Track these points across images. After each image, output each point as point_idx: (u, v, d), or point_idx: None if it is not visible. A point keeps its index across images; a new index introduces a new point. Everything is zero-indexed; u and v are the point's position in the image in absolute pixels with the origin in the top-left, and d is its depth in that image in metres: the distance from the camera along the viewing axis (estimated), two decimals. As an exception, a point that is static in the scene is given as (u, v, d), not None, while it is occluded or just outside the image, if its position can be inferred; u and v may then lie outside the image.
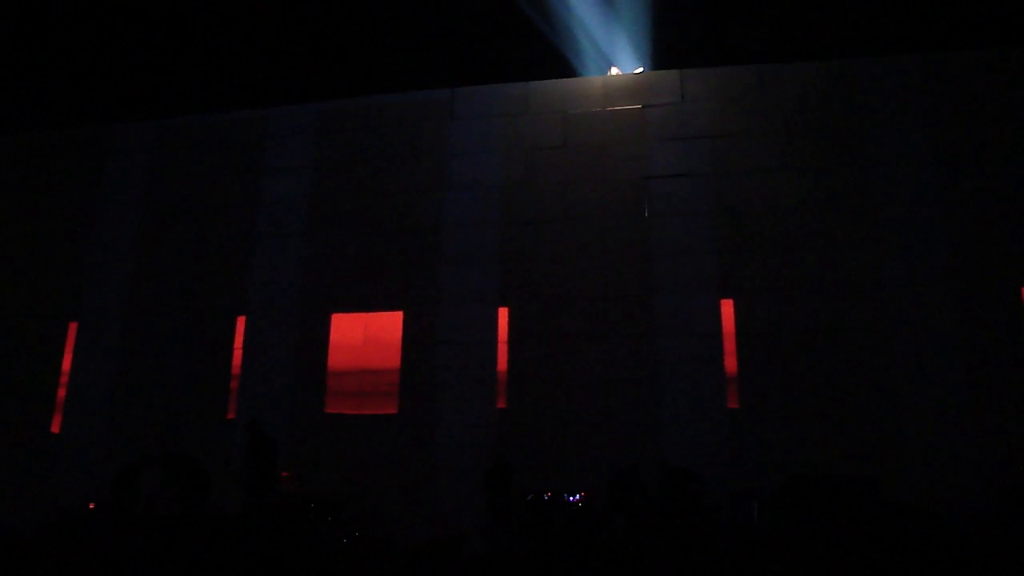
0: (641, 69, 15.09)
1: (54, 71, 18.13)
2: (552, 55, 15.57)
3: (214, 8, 17.33)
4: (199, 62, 17.59)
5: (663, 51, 15.28)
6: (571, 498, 11.86)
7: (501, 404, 13.55)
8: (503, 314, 13.98)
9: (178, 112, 16.85)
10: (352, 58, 16.97)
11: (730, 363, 13.07)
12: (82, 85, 18.20)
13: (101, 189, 16.40)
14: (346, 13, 16.94)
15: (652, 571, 7.73)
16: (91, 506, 13.01)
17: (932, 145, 13.24)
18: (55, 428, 15.29)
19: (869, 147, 13.43)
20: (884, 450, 12.08)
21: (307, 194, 15.32)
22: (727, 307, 13.31)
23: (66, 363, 15.56)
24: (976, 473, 11.72)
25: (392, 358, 14.17)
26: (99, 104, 17.87)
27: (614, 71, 15.49)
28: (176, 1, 17.18)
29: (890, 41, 14.70)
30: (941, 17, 14.94)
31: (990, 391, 12.04)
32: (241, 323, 14.95)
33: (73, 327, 15.74)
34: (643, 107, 14.38)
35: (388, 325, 14.35)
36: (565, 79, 15.09)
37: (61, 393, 15.43)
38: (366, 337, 14.47)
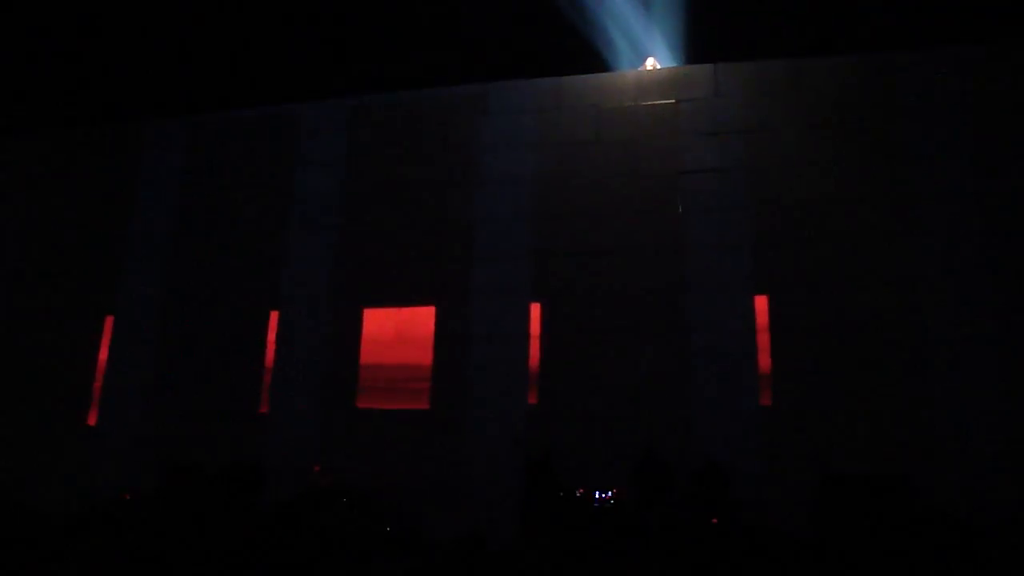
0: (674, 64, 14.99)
1: (91, 68, 18.34)
2: (585, 50, 15.49)
3: (248, 4, 17.42)
4: (233, 58, 17.70)
5: (697, 45, 15.14)
6: (603, 495, 11.81)
7: (532, 399, 13.52)
8: (535, 309, 13.94)
9: (212, 107, 16.99)
10: (385, 52, 17.00)
11: (763, 359, 12.94)
12: (117, 81, 18.39)
13: (137, 184, 16.57)
14: (380, 7, 16.97)
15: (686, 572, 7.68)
16: (126, 496, 13.16)
17: (968, 139, 12.99)
18: (91, 420, 15.49)
19: (903, 141, 13.21)
20: (919, 449, 11.89)
21: (340, 189, 15.36)
22: (761, 303, 13.17)
23: (102, 356, 15.77)
24: (1014, 474, 11.51)
25: (424, 353, 14.18)
26: (134, 100, 18.05)
27: (650, 61, 15.40)
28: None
29: (926, 34, 14.48)
30: (977, 10, 14.69)
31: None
32: (274, 317, 15.04)
33: (109, 320, 15.94)
34: (676, 102, 14.25)
35: (420, 320, 14.37)
36: (598, 74, 15.00)
37: (97, 386, 15.64)
38: (398, 332, 14.50)
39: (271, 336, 14.98)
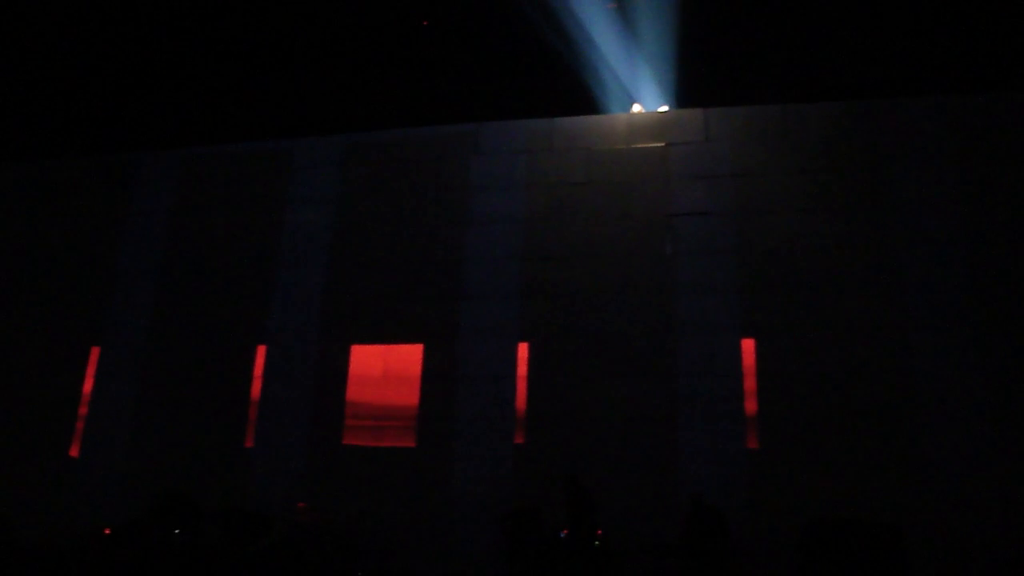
0: (665, 107, 15.15)
1: (83, 100, 18.39)
2: (577, 92, 15.61)
3: (241, 39, 17.55)
4: (226, 92, 17.80)
5: (687, 89, 15.28)
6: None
7: (519, 440, 13.48)
8: (523, 349, 13.95)
9: (204, 141, 17.01)
10: (378, 91, 17.12)
11: (750, 403, 12.96)
12: (109, 113, 18.43)
13: (126, 216, 16.57)
14: (373, 46, 17.11)
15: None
16: (106, 531, 12.99)
17: (958, 187, 13.15)
18: (74, 452, 15.35)
19: (893, 188, 13.37)
20: (907, 496, 11.89)
21: (330, 225, 15.40)
22: (748, 347, 13.22)
23: (87, 387, 15.66)
24: (1003, 522, 11.51)
25: (411, 391, 14.15)
26: (126, 132, 18.09)
27: (637, 108, 15.52)
28: (204, 32, 17.41)
29: (916, 82, 14.67)
30: (967, 59, 14.91)
31: (1019, 437, 11.84)
32: (261, 352, 14.99)
33: (95, 352, 15.85)
34: (667, 145, 14.40)
35: (408, 358, 14.35)
36: (589, 116, 15.15)
37: (81, 417, 15.50)
38: (385, 369, 14.47)
39: (257, 371, 14.93)
